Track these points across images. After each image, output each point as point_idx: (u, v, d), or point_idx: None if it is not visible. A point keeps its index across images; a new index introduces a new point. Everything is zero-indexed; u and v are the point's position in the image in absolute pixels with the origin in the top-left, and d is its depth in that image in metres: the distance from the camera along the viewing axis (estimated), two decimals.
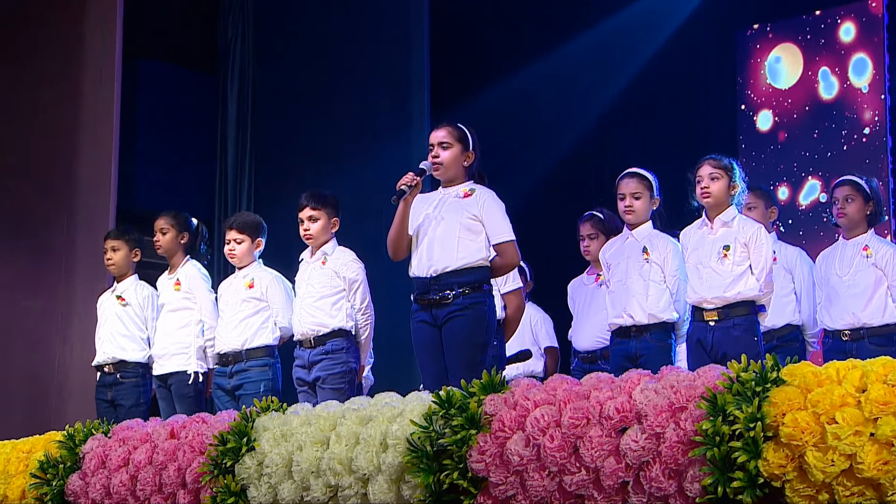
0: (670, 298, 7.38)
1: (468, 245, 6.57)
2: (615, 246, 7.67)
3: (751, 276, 7.12)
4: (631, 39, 12.35)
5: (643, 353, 7.33)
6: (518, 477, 4.85)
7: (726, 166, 7.25)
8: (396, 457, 5.08)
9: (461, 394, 5.10)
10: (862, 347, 7.61)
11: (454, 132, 6.80)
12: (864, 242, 7.70)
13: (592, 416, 4.74)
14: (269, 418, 5.55)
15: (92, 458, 6.04)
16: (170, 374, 8.20)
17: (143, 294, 8.53)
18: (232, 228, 8.10)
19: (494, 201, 6.69)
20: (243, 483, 5.48)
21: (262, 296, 7.94)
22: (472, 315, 6.50)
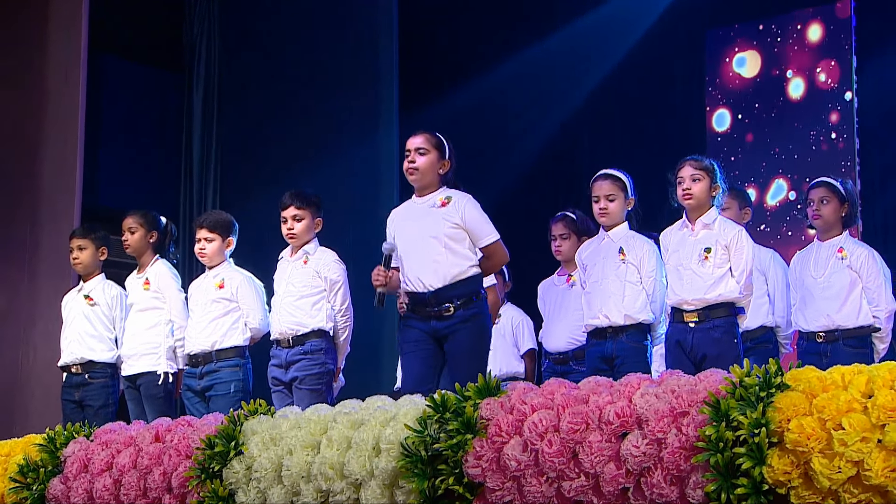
0: (646, 299, 7.32)
1: (455, 256, 6.66)
2: (591, 247, 7.61)
3: (731, 279, 7.10)
4: (601, 40, 12.29)
5: (619, 354, 7.28)
6: (515, 482, 4.79)
7: (708, 167, 7.22)
8: (390, 461, 5.00)
9: (456, 398, 5.02)
10: (836, 349, 7.59)
11: (431, 139, 6.87)
12: (839, 244, 7.69)
13: (592, 421, 4.67)
14: (258, 422, 5.46)
15: (74, 462, 5.91)
16: (139, 375, 8.07)
17: (111, 293, 8.39)
18: (202, 227, 7.98)
19: (472, 205, 6.75)
20: (231, 488, 5.38)
21: (233, 296, 7.83)
22: (473, 327, 6.63)
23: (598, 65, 12.46)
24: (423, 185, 6.83)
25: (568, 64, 12.54)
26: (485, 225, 6.72)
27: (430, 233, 6.68)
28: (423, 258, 6.69)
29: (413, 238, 6.75)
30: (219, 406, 7.54)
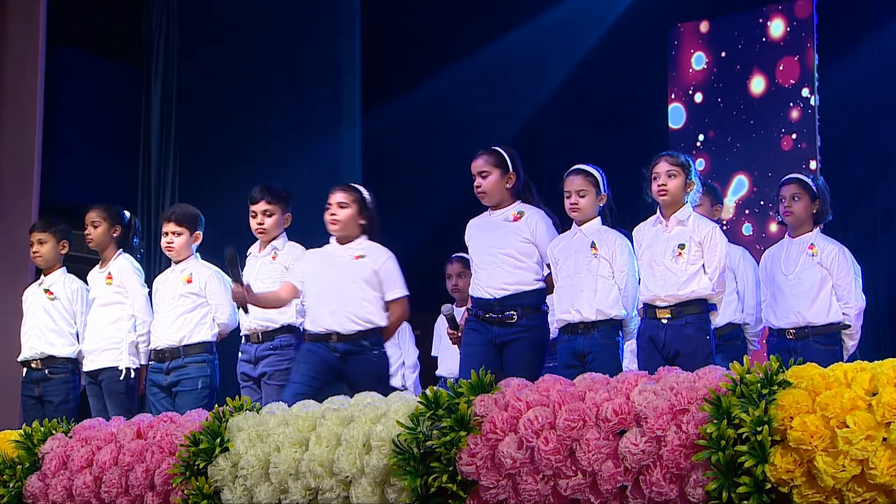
0: (619, 294, 7.26)
1: (523, 269, 7.04)
2: (563, 241, 7.53)
3: (704, 276, 7.06)
4: (563, 36, 12.26)
5: (590, 350, 7.21)
6: (510, 480, 4.72)
7: (683, 163, 7.18)
8: (381, 459, 4.92)
9: (448, 394, 4.94)
10: (807, 346, 7.56)
11: (490, 159, 7.19)
12: (810, 241, 7.66)
13: (589, 418, 4.62)
14: (244, 418, 5.37)
15: (52, 459, 5.79)
16: (100, 370, 7.92)
17: (71, 287, 8.25)
18: (170, 221, 7.86)
19: (544, 222, 7.15)
20: (217, 485, 5.28)
21: (201, 291, 7.73)
22: (532, 337, 6.97)
23: (561, 61, 12.46)
24: (495, 203, 7.20)
25: (531, 61, 12.54)
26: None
27: (502, 243, 7.05)
28: (493, 265, 7.05)
29: (486, 246, 7.10)
30: (185, 402, 7.44)
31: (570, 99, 12.39)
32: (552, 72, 12.54)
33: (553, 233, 7.18)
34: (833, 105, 11.12)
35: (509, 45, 12.43)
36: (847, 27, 11.16)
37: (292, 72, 12.20)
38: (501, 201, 7.18)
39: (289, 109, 12.12)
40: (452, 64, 12.60)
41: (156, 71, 12.07)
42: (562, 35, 12.23)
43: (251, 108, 12.09)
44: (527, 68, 12.56)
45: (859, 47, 11.10)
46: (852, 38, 11.15)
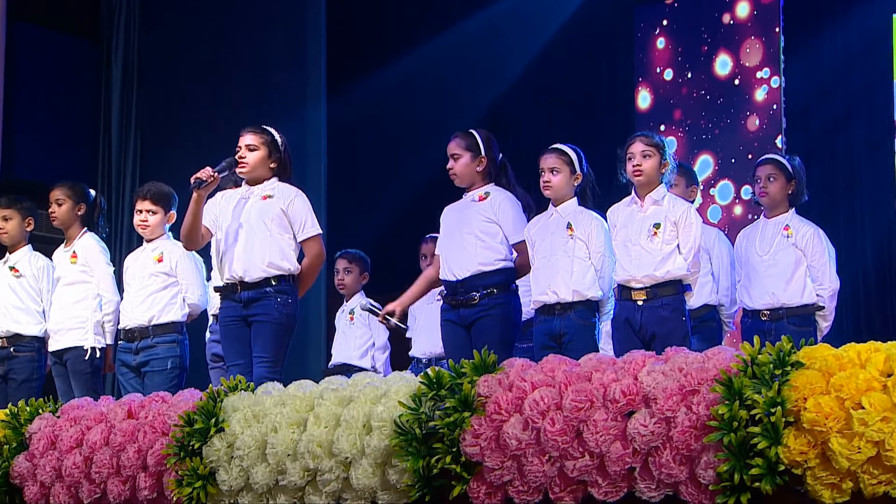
0: (595, 275, 7.19)
1: (486, 248, 6.90)
2: (540, 222, 7.46)
3: (679, 256, 7.01)
4: (530, 17, 12.17)
5: (566, 331, 7.15)
6: (515, 462, 4.64)
7: (658, 144, 7.13)
8: (382, 440, 4.83)
9: (450, 375, 4.85)
10: (781, 327, 7.53)
11: (462, 142, 7.09)
12: (786, 222, 7.63)
13: (596, 399, 4.54)
14: (239, 398, 5.25)
15: (40, 439, 5.65)
16: (66, 350, 7.78)
17: (37, 265, 8.09)
18: (145, 199, 7.73)
19: (509, 202, 7.00)
20: (212, 466, 5.15)
21: (172, 270, 7.59)
22: (497, 314, 6.84)
23: (528, 42, 12.35)
24: (467, 185, 7.09)
25: (497, 41, 12.41)
26: (517, 222, 6.99)
27: (467, 224, 6.93)
28: (456, 246, 6.95)
29: (452, 227, 7.03)
30: (154, 382, 7.32)
31: (537, 80, 12.32)
32: (519, 52, 12.43)
33: (519, 213, 7.07)
34: (798, 87, 11.04)
35: (476, 25, 12.32)
36: (813, 8, 11.11)
37: (256, 50, 12.04)
38: (473, 183, 7.09)
39: (253, 88, 11.96)
40: (419, 44, 12.46)
41: (116, 47, 11.91)
42: (529, 15, 12.15)
43: (214, 87, 11.95)
44: (493, 49, 12.46)
45: (824, 30, 11.05)
46: (819, 19, 11.09)
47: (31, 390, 7.79)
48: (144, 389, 7.31)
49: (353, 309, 8.87)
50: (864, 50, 10.80)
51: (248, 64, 12.01)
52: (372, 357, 8.83)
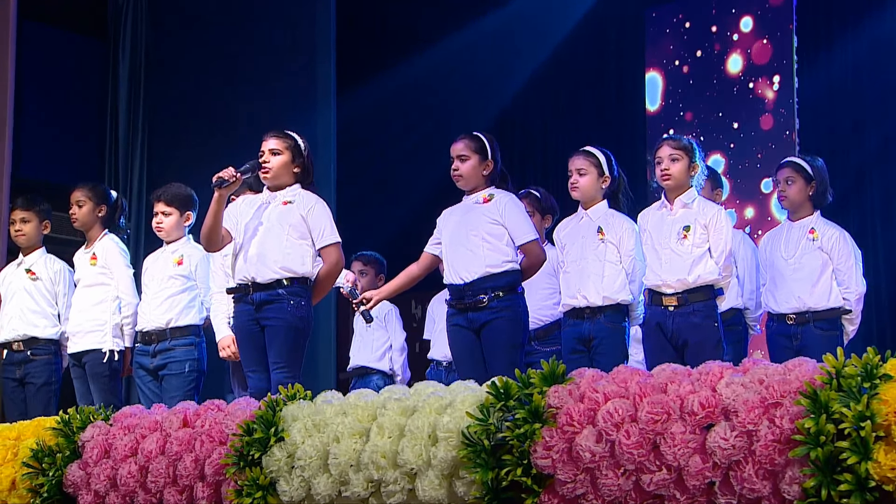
0: (626, 279, 6.93)
1: (493, 250, 6.60)
2: (569, 226, 7.21)
3: (710, 259, 6.77)
4: (540, 19, 11.84)
5: (596, 335, 6.91)
6: (589, 475, 4.37)
7: (686, 147, 6.89)
8: (449, 451, 4.55)
9: (517, 385, 4.56)
10: (807, 331, 7.28)
11: (471, 144, 6.78)
12: (811, 225, 7.36)
13: (673, 412, 4.27)
14: (298, 407, 4.96)
15: (94, 448, 5.34)
16: (84, 353, 7.50)
17: (54, 268, 7.81)
18: (160, 201, 7.46)
19: (514, 204, 6.73)
20: (272, 476, 4.85)
21: (191, 274, 7.33)
22: (507, 317, 6.54)
23: (539, 44, 12.00)
24: (470, 188, 6.81)
25: (506, 44, 12.09)
26: (523, 224, 6.69)
27: (471, 227, 6.64)
28: (461, 249, 6.65)
29: (456, 229, 6.71)
30: (172, 385, 7.05)
31: (547, 81, 11.98)
32: (529, 53, 12.08)
33: (524, 215, 6.80)
34: (811, 86, 10.71)
35: (486, 26, 11.98)
36: (827, 7, 10.81)
37: (265, 49, 11.65)
38: (476, 187, 6.79)
39: (262, 90, 11.57)
40: (429, 46, 12.11)
41: (123, 46, 11.50)
42: (540, 17, 11.81)
43: (223, 87, 11.57)
44: (503, 51, 12.13)
45: (838, 32, 10.73)
46: (830, 17, 10.77)
47: (50, 394, 7.54)
48: (162, 393, 7.03)
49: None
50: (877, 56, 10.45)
51: (257, 63, 11.63)
52: (390, 359, 8.54)
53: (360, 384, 8.48)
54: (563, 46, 11.83)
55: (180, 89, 11.64)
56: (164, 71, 11.70)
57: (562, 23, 11.83)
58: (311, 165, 6.72)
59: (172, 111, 11.63)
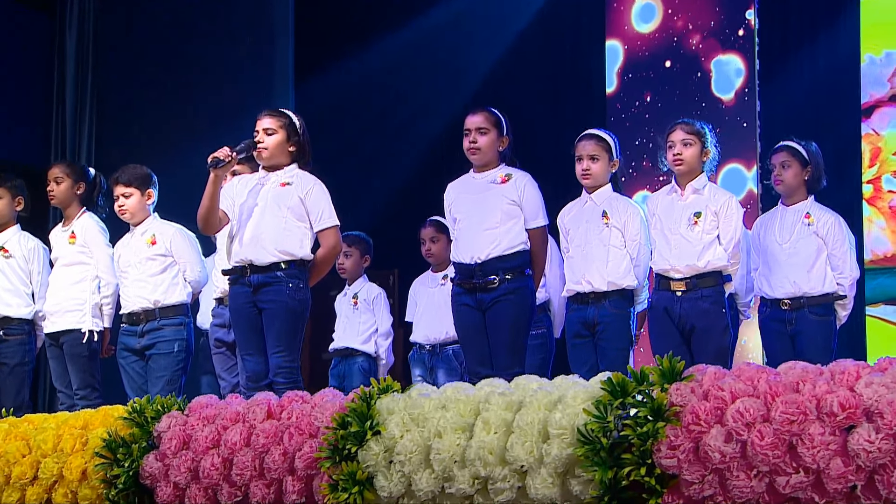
0: (630, 264, 6.39)
1: (509, 231, 6.00)
2: (574, 210, 6.66)
3: (719, 246, 6.28)
4: (504, 5, 11.03)
5: (601, 320, 6.41)
6: (717, 475, 3.82)
7: (699, 131, 6.39)
8: (563, 448, 3.98)
9: (632, 382, 3.99)
10: (802, 317, 6.81)
11: (490, 118, 6.14)
12: (806, 210, 6.87)
13: (810, 412, 3.72)
14: (392, 400, 4.33)
15: (172, 438, 4.67)
16: (62, 332, 6.85)
17: (28, 246, 7.10)
18: (118, 183, 6.78)
19: (532, 185, 6.14)
20: (370, 471, 4.22)
21: (167, 251, 6.70)
22: (515, 299, 5.96)
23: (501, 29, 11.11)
24: (483, 163, 6.15)
25: (468, 28, 11.14)
26: (537, 207, 6.10)
27: (487, 205, 6.03)
28: (475, 226, 6.05)
29: (469, 206, 6.11)
30: (160, 365, 6.44)
31: (512, 67, 11.04)
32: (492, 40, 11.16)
33: (540, 199, 6.18)
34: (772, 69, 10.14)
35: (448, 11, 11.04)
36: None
37: (221, 34, 10.63)
38: (489, 163, 6.14)
39: (217, 73, 10.57)
40: (389, 32, 11.12)
41: (70, 20, 10.29)
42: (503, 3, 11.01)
43: (175, 65, 10.49)
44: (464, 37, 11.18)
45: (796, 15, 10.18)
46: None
47: (24, 374, 6.92)
48: (148, 373, 6.35)
49: (357, 293, 7.90)
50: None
51: (212, 45, 10.58)
52: (375, 343, 7.86)
53: (343, 365, 7.85)
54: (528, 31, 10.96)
55: (130, 70, 10.49)
56: (114, 48, 10.50)
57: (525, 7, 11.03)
58: (307, 145, 6.08)
59: (122, 92, 10.47)
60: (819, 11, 10.09)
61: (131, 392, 6.61)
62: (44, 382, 9.35)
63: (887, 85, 9.73)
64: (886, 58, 9.73)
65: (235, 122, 9.94)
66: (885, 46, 9.72)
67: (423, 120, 11.18)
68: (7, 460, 4.99)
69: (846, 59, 9.83)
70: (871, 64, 9.75)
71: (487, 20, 11.18)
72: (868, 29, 9.76)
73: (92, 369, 6.78)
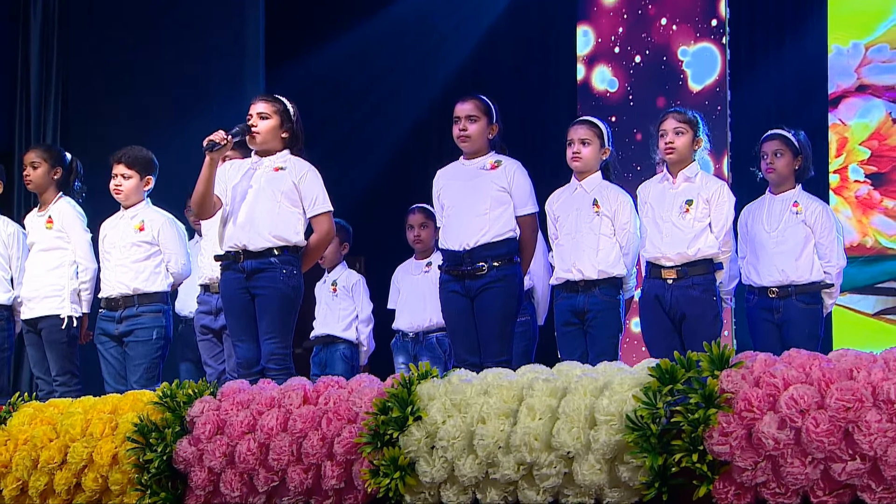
0: (619, 252, 6.15)
1: (499, 218, 5.76)
2: (563, 197, 6.42)
3: (710, 234, 6.06)
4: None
5: (591, 308, 6.19)
6: (771, 462, 3.60)
7: (691, 120, 6.17)
8: (612, 435, 3.74)
9: (681, 369, 3.76)
10: (789, 305, 6.60)
11: (480, 105, 5.90)
12: (794, 198, 6.65)
13: (866, 399, 3.52)
14: (433, 385, 4.08)
15: (206, 423, 4.38)
16: (40, 318, 6.51)
17: (7, 231, 6.74)
18: (119, 163, 6.45)
19: (522, 172, 5.90)
20: (412, 456, 3.96)
21: (154, 239, 6.39)
22: (503, 286, 5.73)
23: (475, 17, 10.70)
24: (473, 151, 5.90)
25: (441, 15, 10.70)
26: (527, 195, 5.87)
27: (476, 191, 5.80)
28: (463, 213, 5.82)
29: (456, 193, 5.88)
30: (137, 352, 6.15)
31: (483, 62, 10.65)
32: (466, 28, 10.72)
33: (530, 186, 5.95)
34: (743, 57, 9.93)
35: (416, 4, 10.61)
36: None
37: (191, 18, 10.16)
38: (479, 150, 5.90)
39: (186, 52, 10.10)
40: (360, 24, 10.65)
41: (35, 4, 9.56)
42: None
43: (143, 47, 10.00)
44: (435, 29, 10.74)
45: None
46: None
47: (3, 360, 6.56)
48: (126, 360, 6.05)
49: (336, 280, 7.61)
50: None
51: (181, 26, 10.10)
52: (356, 329, 7.58)
53: (324, 353, 7.58)
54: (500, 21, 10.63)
55: (97, 54, 9.93)
56: (80, 34, 9.84)
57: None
58: (300, 131, 5.80)
59: (88, 78, 9.87)
60: (788, 2, 9.90)
61: (109, 378, 6.31)
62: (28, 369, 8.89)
63: (854, 75, 9.58)
64: (854, 48, 9.58)
65: (205, 108, 9.64)
66: (852, 37, 9.57)
67: (394, 107, 10.81)
68: (34, 444, 4.69)
69: (814, 50, 9.66)
70: (837, 55, 9.60)
71: (460, 5, 10.77)
72: (835, 20, 9.61)
73: (71, 355, 6.45)
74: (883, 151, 9.58)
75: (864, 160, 9.61)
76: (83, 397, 4.94)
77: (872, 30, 9.54)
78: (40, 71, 9.58)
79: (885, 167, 9.56)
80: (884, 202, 9.60)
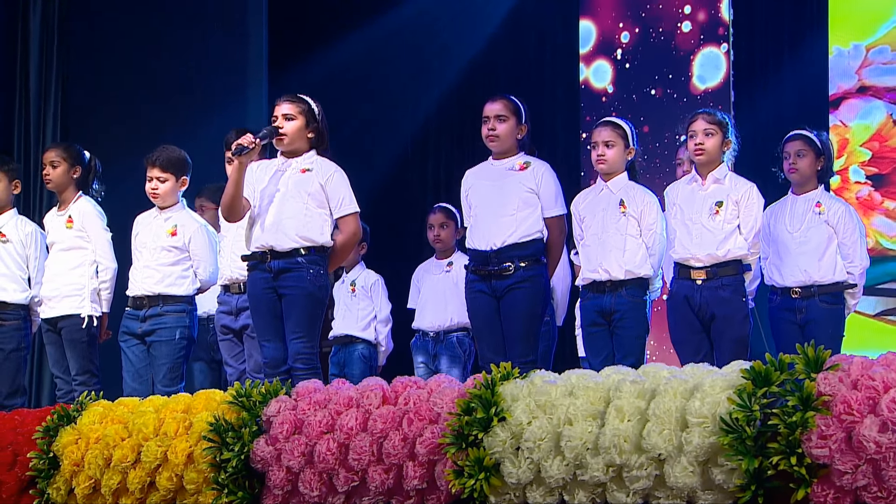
0: (646, 253, 5.88)
1: (526, 218, 5.49)
2: (589, 197, 6.13)
3: (739, 235, 5.81)
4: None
5: (618, 308, 5.88)
6: (872, 466, 3.35)
7: (720, 121, 5.92)
8: (705, 437, 3.47)
9: (776, 371, 3.49)
10: (812, 305, 6.31)
11: (509, 105, 5.61)
12: (817, 199, 6.37)
13: None
14: (516, 386, 3.81)
15: (283, 423, 4.09)
16: (61, 318, 6.17)
17: (25, 230, 6.41)
18: (155, 166, 6.10)
19: (550, 174, 5.62)
20: (497, 457, 3.68)
21: (184, 245, 6.07)
22: (530, 287, 5.47)
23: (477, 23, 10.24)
24: (502, 151, 5.61)
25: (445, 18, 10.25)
26: (555, 197, 5.59)
27: (505, 192, 5.52)
28: (492, 213, 5.54)
29: (486, 193, 5.59)
30: (161, 352, 5.88)
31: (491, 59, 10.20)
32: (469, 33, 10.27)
33: (559, 187, 5.69)
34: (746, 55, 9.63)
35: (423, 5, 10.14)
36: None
37: (193, 22, 9.70)
38: (508, 150, 5.61)
39: (188, 51, 9.65)
40: (365, 22, 10.16)
41: (34, 3, 9.09)
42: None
43: (144, 45, 9.49)
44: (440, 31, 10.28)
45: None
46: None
47: (20, 360, 6.27)
48: (151, 359, 5.77)
49: (355, 280, 7.32)
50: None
51: (183, 28, 9.64)
52: (375, 329, 7.28)
53: (343, 353, 7.28)
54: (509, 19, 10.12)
55: (97, 56, 9.42)
56: (83, 30, 9.34)
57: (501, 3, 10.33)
58: (325, 130, 5.52)
59: (88, 78, 9.35)
60: (789, 3, 9.64)
61: (128, 377, 6.02)
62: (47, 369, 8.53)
63: (855, 77, 9.35)
64: (854, 50, 9.35)
65: (207, 109, 9.27)
66: (852, 39, 9.34)
67: (398, 111, 10.39)
68: (107, 443, 4.40)
69: (815, 52, 9.39)
70: (838, 56, 9.36)
71: (464, 9, 10.34)
72: (836, 21, 9.36)
73: (91, 355, 6.14)
74: (884, 153, 9.36)
75: (864, 161, 9.38)
76: (151, 396, 4.64)
77: (873, 31, 9.31)
78: (40, 71, 9.12)
79: (886, 168, 9.33)
80: (884, 203, 9.37)
